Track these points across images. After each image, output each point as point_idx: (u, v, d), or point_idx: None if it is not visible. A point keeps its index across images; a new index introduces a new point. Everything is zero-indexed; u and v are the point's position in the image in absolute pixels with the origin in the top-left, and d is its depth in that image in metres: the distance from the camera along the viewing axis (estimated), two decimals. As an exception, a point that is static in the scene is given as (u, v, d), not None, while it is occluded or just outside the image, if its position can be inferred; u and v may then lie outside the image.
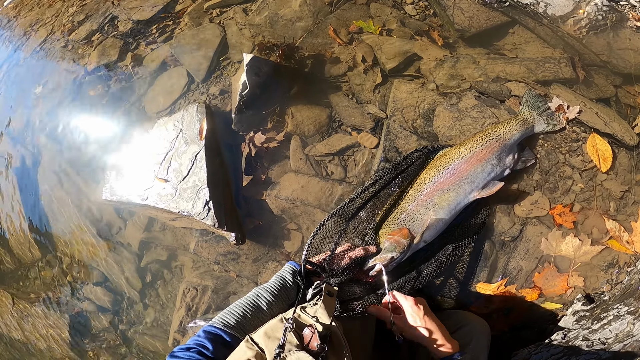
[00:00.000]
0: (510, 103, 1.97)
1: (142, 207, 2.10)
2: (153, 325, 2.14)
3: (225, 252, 2.04)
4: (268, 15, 2.40)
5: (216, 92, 2.26)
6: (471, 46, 2.19)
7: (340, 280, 1.45)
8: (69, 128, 2.50)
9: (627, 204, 1.78)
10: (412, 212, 1.68)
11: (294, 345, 1.00)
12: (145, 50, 2.53)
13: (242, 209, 2.03)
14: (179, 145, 2.05)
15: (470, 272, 1.79)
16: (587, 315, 1.59)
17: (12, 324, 2.35)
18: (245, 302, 1.28)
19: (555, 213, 1.77)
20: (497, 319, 1.72)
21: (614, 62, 2.03)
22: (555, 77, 1.99)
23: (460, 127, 1.94)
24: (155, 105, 2.34)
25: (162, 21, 2.62)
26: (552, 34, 2.12)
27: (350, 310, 1.40)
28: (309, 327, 1.06)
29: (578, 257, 1.74)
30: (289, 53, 2.21)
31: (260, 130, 2.09)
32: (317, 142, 2.08)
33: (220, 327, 1.17)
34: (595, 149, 1.83)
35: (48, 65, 2.75)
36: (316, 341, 1.02)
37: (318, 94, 2.16)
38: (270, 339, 1.03)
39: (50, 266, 2.36)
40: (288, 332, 1.02)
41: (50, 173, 2.46)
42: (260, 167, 2.07)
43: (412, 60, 2.17)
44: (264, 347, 1.01)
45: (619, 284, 1.67)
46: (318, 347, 1.01)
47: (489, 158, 1.74)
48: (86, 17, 2.81)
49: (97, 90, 2.50)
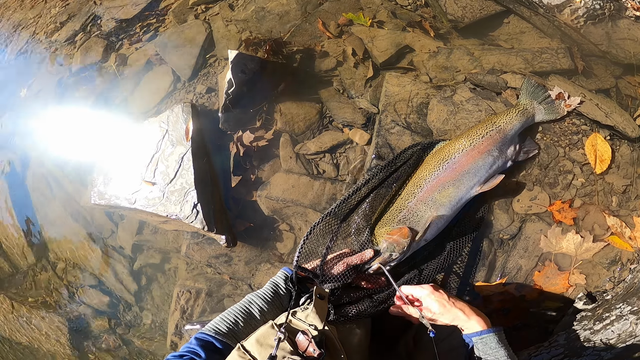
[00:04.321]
0: (507, 95, 1.90)
1: (132, 211, 2.06)
2: (151, 327, 2.12)
3: (217, 255, 2.00)
4: (254, 10, 2.33)
5: (203, 90, 2.21)
6: (465, 37, 2.13)
7: (336, 286, 1.40)
8: (55, 131, 2.45)
9: (630, 198, 1.72)
10: (412, 210, 1.61)
11: (287, 352, 0.98)
12: (130, 50, 2.48)
13: (232, 210, 1.99)
14: (165, 146, 2.00)
15: (469, 272, 1.74)
16: (589, 316, 1.53)
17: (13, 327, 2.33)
18: (237, 309, 1.27)
19: (554, 209, 1.71)
20: (496, 319, 1.66)
21: (614, 53, 1.97)
22: (553, 68, 1.93)
23: (455, 121, 1.88)
24: (141, 106, 2.29)
25: (145, 19, 2.57)
26: (548, 24, 2.06)
27: (346, 314, 1.37)
28: (302, 333, 1.04)
29: (579, 255, 1.68)
30: (277, 48, 2.15)
31: (248, 129, 2.03)
32: (308, 139, 2.02)
33: (211, 335, 1.17)
34: (594, 148, 1.77)
35: (32, 67, 2.70)
36: (313, 347, 1.01)
37: (307, 89, 2.11)
38: (263, 346, 1.02)
39: (45, 270, 2.34)
40: (281, 342, 1.00)
41: (40, 177, 2.42)
42: (249, 167, 2.02)
43: (405, 52, 2.11)
44: (256, 355, 1.00)
45: (622, 282, 1.61)
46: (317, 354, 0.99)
47: (490, 150, 1.67)
48: (69, 18, 2.76)
49: (82, 91, 2.46)
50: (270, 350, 0.97)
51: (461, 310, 1.25)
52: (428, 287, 1.30)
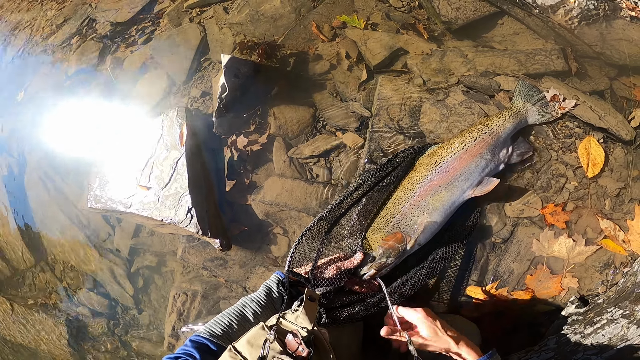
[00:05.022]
0: (500, 98, 1.89)
1: (128, 215, 2.07)
2: (149, 329, 2.12)
3: (212, 258, 2.00)
4: (249, 13, 2.32)
5: (197, 94, 2.21)
6: (459, 39, 2.11)
7: (328, 290, 1.41)
8: (51, 134, 2.46)
9: (624, 201, 1.71)
10: (405, 215, 1.61)
11: (277, 352, 1.02)
12: (125, 53, 2.48)
13: (227, 214, 1.99)
14: (159, 151, 2.01)
15: (461, 276, 1.73)
16: (580, 320, 1.53)
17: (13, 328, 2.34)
18: (231, 312, 1.30)
19: (546, 212, 1.71)
20: (488, 323, 1.66)
21: (608, 54, 1.95)
22: (546, 69, 1.92)
23: (448, 124, 1.87)
24: (136, 109, 2.29)
25: (141, 22, 2.56)
26: (542, 25, 2.04)
27: (338, 318, 1.39)
28: (291, 334, 1.07)
29: (572, 258, 1.67)
30: (270, 51, 2.14)
31: (242, 133, 2.04)
32: (301, 143, 2.02)
33: (206, 337, 1.20)
34: (587, 152, 1.76)
35: (29, 70, 2.70)
36: (302, 347, 1.03)
37: (301, 93, 2.10)
38: (253, 347, 1.05)
39: (44, 272, 2.35)
40: (269, 343, 1.03)
41: (37, 180, 2.43)
42: (243, 171, 2.02)
43: (398, 55, 2.10)
44: (247, 356, 1.03)
45: (615, 285, 1.60)
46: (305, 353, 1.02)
47: (482, 153, 1.67)
48: (64, 21, 2.76)
49: (78, 94, 2.46)
50: (261, 351, 1.01)
51: (452, 339, 1.24)
52: (421, 312, 1.30)
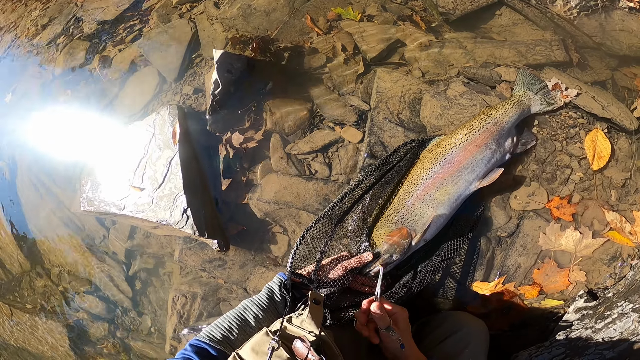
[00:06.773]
0: (501, 89, 1.85)
1: (122, 217, 2.02)
2: (150, 332, 2.10)
3: (210, 259, 1.96)
4: (241, 7, 2.27)
5: (190, 91, 2.15)
6: (457, 30, 2.07)
7: (333, 291, 1.36)
8: (41, 136, 2.41)
9: (629, 192, 1.68)
10: (410, 209, 1.56)
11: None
12: (113, 52, 2.42)
13: (224, 214, 1.95)
14: (152, 150, 1.95)
15: (466, 271, 1.70)
16: (590, 314, 1.50)
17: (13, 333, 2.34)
18: (232, 316, 1.25)
19: (552, 206, 1.67)
20: (495, 319, 1.63)
21: (608, 44, 1.92)
22: (547, 60, 1.88)
23: (449, 116, 1.83)
24: (127, 109, 2.24)
25: (129, 20, 2.51)
26: (541, 16, 2.00)
27: (342, 318, 1.35)
28: (299, 339, 1.02)
29: (579, 251, 1.64)
30: (264, 46, 2.09)
31: (237, 130, 1.98)
32: (299, 139, 1.97)
33: (206, 342, 1.16)
34: (594, 144, 1.72)
35: (16, 71, 2.65)
36: (312, 354, 0.99)
37: (297, 87, 2.05)
38: (259, 354, 1.01)
39: (40, 277, 2.32)
40: (275, 350, 0.98)
41: (29, 184, 2.39)
42: (239, 169, 1.97)
43: (396, 47, 2.05)
44: None
45: (623, 278, 1.57)
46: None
47: (487, 143, 1.63)
48: (50, 20, 2.71)
49: (67, 95, 2.41)
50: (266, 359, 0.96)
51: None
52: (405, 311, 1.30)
